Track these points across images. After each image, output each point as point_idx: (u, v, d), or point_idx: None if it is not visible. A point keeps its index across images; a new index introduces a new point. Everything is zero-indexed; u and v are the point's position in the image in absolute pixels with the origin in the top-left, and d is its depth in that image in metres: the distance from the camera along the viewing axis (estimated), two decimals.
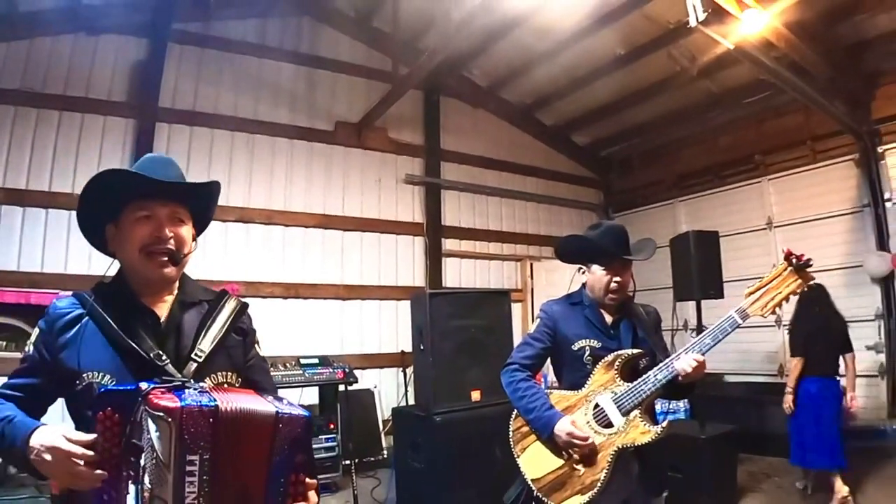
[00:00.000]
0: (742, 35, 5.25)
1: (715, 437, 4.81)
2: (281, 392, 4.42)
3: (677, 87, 7.83)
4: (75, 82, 6.38)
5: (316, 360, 5.76)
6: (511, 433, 2.62)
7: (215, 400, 1.33)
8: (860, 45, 6.65)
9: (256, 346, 1.78)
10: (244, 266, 6.69)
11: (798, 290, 2.39)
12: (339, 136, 7.57)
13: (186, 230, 1.65)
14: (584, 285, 2.72)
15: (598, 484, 2.39)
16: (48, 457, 1.35)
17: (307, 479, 1.46)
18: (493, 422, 4.06)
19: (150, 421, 1.28)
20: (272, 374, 5.31)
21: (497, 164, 8.77)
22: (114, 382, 1.46)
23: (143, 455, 1.29)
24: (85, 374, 1.48)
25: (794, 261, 2.38)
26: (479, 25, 6.08)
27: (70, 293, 1.64)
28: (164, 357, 1.51)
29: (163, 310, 1.63)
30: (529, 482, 2.52)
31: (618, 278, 2.60)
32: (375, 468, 6.27)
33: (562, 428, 2.42)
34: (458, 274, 8.24)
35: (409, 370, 6.51)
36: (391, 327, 7.44)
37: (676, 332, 7.59)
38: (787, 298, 2.39)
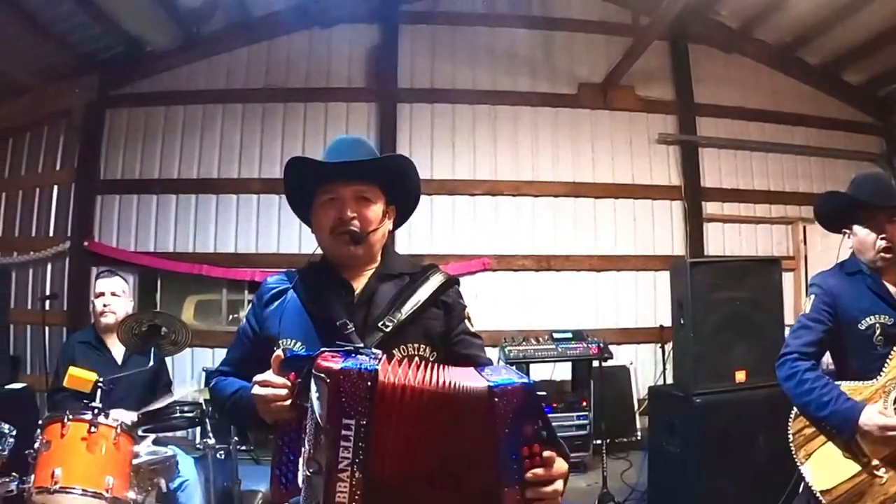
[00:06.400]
0: None
1: None
2: (533, 367, 4.49)
3: None
4: (315, 74, 6.92)
5: (569, 335, 5.71)
6: (791, 437, 2.38)
7: (378, 365, 1.31)
8: None
9: (466, 321, 1.77)
10: (495, 239, 6.69)
11: None
12: (583, 99, 7.23)
13: (374, 209, 1.73)
14: (854, 252, 2.50)
15: None
16: (257, 390, 1.47)
17: (542, 449, 1.33)
18: (758, 406, 3.86)
19: (313, 382, 1.31)
20: (524, 347, 5.38)
21: (758, 114, 7.91)
22: (304, 349, 1.56)
23: (308, 416, 1.32)
24: (281, 341, 1.64)
25: None
26: None
27: (272, 272, 1.90)
28: (349, 325, 1.59)
29: (361, 283, 1.74)
30: (818, 494, 2.25)
31: (884, 235, 2.34)
32: (627, 450, 5.99)
33: (870, 418, 2.13)
34: (721, 240, 7.55)
35: (668, 346, 6.03)
36: (649, 300, 6.98)
37: None
38: None
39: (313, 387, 1.31)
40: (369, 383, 1.28)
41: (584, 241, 7.00)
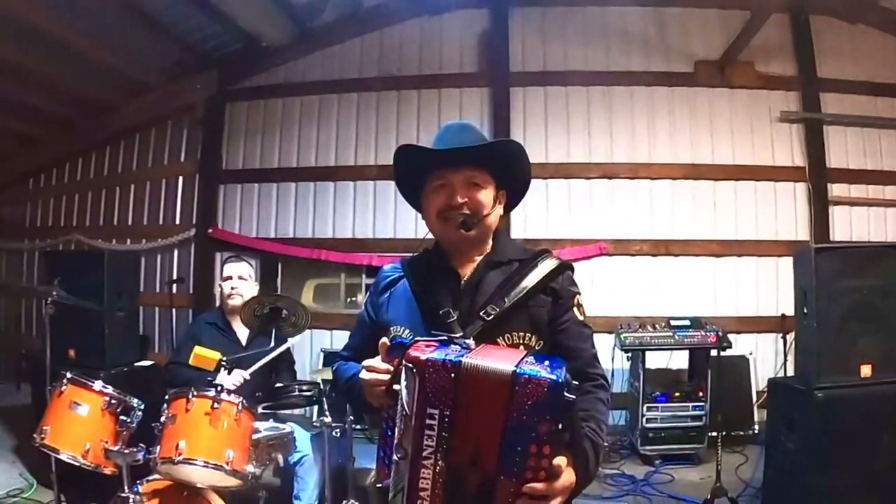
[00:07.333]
0: None
1: None
2: (649, 355, 4.39)
3: None
4: (428, 61, 6.99)
5: (687, 322, 5.59)
6: None
7: (463, 356, 1.32)
8: None
9: (575, 310, 1.71)
10: (611, 224, 6.54)
11: None
12: (700, 77, 6.93)
13: (485, 194, 1.70)
14: None
15: None
16: (363, 375, 1.54)
17: (553, 453, 1.30)
18: (885, 403, 3.74)
19: (402, 371, 1.34)
20: (640, 334, 5.24)
21: (887, 88, 7.31)
22: (412, 336, 1.55)
23: (398, 402, 1.35)
24: (392, 328, 1.69)
25: None
26: None
27: (388, 258, 1.83)
28: (451, 314, 1.60)
29: (469, 270, 1.72)
30: None
31: None
32: (744, 444, 5.69)
33: None
34: (848, 225, 7.08)
35: (790, 337, 5.69)
36: (770, 287, 6.63)
37: None
38: None
39: (402, 375, 1.34)
40: (453, 375, 1.30)
41: (703, 225, 6.74)
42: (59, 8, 5.39)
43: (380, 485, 1.52)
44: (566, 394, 1.29)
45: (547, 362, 1.33)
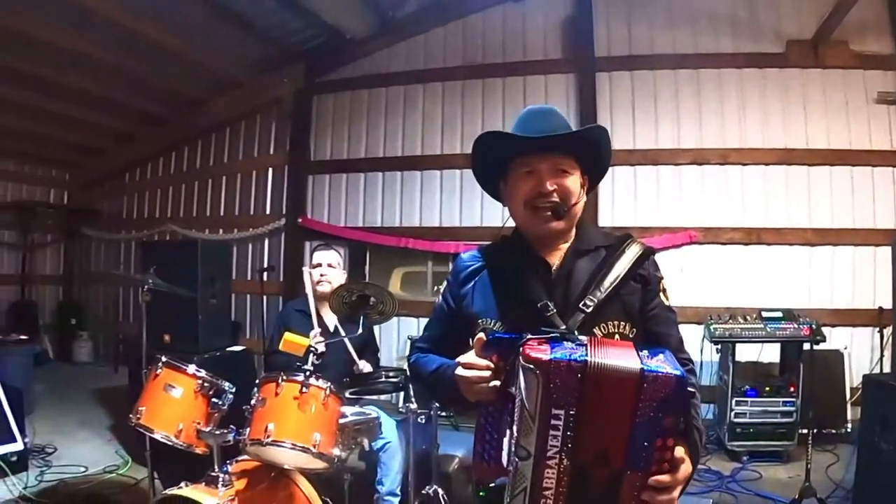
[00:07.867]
0: None
1: None
2: (739, 347, 4.16)
3: None
4: (512, 49, 6.95)
5: (779, 314, 5.33)
6: None
7: (586, 355, 1.30)
8: None
9: (661, 295, 1.69)
10: (701, 211, 6.33)
11: None
12: (792, 58, 6.62)
13: (572, 181, 1.66)
14: None
15: None
16: (461, 372, 1.49)
17: (677, 446, 1.33)
18: None
19: (521, 371, 1.32)
20: (731, 326, 5.02)
21: None
22: (502, 328, 1.59)
23: (516, 403, 1.34)
24: (480, 321, 1.65)
25: None
26: None
27: (476, 246, 1.89)
28: (550, 307, 1.57)
29: (557, 259, 1.69)
30: None
31: None
32: (835, 442, 5.43)
33: None
34: None
35: (887, 331, 5.45)
36: (867, 278, 6.28)
37: None
38: None
39: (521, 375, 1.32)
40: (579, 375, 1.28)
41: (797, 212, 6.47)
42: (149, 10, 5.62)
43: (493, 483, 1.54)
44: (688, 388, 1.30)
45: (661, 356, 1.33)
